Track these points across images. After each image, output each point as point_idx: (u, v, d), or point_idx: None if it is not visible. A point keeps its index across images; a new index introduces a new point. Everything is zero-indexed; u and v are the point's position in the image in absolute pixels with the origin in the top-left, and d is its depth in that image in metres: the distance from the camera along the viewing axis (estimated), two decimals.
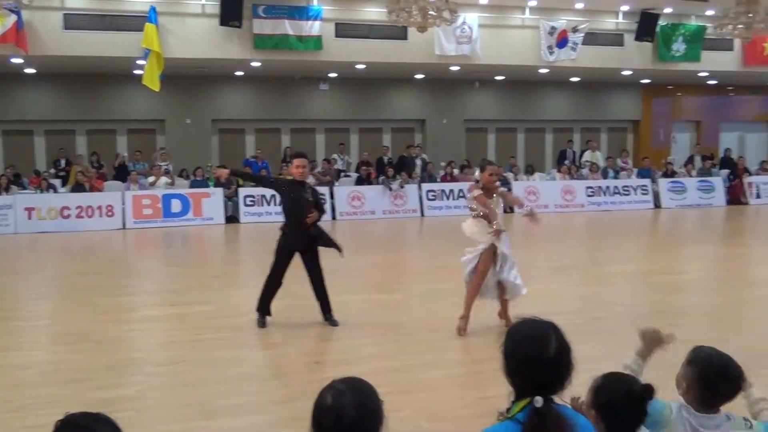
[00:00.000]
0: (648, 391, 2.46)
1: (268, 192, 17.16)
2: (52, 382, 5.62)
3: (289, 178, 7.30)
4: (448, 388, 5.45)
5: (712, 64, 20.38)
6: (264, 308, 7.14)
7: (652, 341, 2.79)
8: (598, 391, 2.49)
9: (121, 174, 18.03)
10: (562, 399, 2.23)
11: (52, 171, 18.40)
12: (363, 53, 17.59)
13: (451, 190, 18.50)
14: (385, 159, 19.95)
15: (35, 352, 6.62)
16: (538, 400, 2.10)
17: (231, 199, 17.20)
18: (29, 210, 15.68)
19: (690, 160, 21.64)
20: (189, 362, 6.06)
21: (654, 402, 2.59)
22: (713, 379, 2.64)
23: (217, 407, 5.03)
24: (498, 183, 7.32)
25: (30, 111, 19.08)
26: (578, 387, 2.25)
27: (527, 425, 2.11)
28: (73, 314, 7.98)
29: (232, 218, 17.06)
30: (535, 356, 2.15)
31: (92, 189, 16.81)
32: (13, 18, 14.72)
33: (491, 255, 6.70)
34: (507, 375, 2.24)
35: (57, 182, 17.61)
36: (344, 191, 17.91)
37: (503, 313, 6.91)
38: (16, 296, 9.41)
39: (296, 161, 7.14)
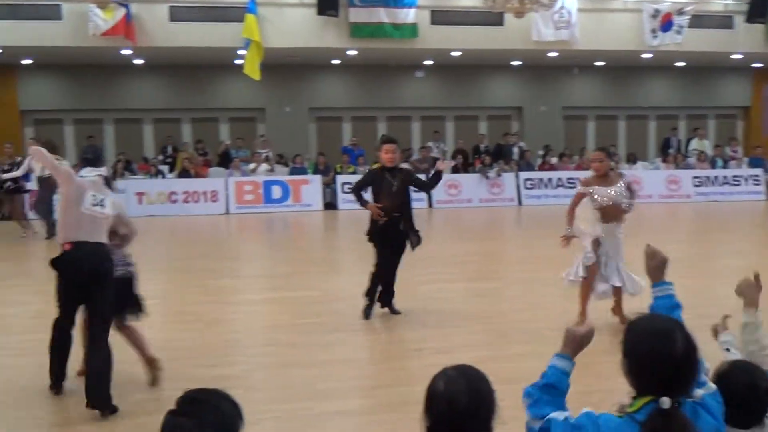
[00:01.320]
0: None
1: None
2: (162, 359, 5.86)
3: (377, 166, 7.14)
4: None
5: None
6: (371, 297, 7.06)
7: (749, 289, 2.87)
8: (721, 378, 2.40)
9: (224, 161, 18.61)
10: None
11: (160, 158, 19.17)
12: (459, 40, 17.45)
13: (550, 179, 18.16)
14: (482, 147, 19.78)
15: (145, 329, 6.92)
16: (665, 401, 2.01)
17: (329, 186, 17.46)
18: (140, 195, 16.49)
19: None
20: (292, 345, 6.19)
21: None
22: None
23: (320, 390, 5.13)
24: (615, 171, 6.76)
25: (139, 100, 19.92)
26: None
27: (648, 426, 2.03)
28: (181, 295, 8.33)
29: (330, 205, 17.33)
30: (661, 353, 2.06)
31: (197, 175, 17.48)
32: (123, 11, 15.39)
33: (596, 248, 6.42)
34: (627, 373, 2.15)
35: (164, 168, 18.36)
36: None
37: (617, 309, 6.61)
38: None
39: (385, 147, 6.99)
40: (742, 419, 2.35)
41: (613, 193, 6.30)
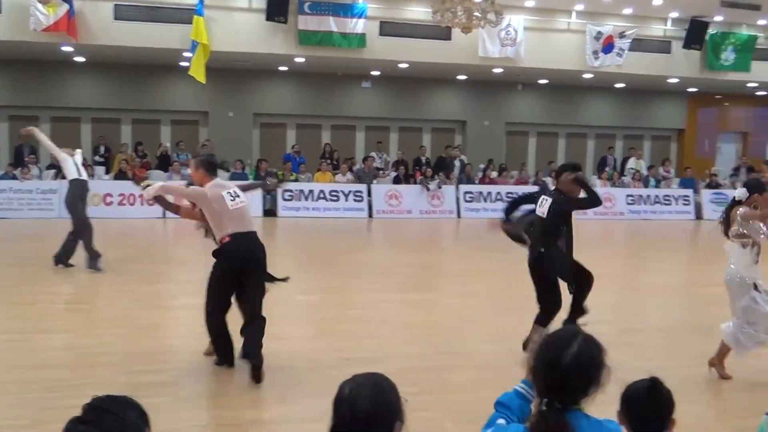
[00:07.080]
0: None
1: (306, 186, 17.41)
2: (88, 365, 5.76)
3: None
4: (476, 391, 5.45)
5: (762, 74, 19.96)
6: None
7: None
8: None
9: (164, 164, 18.31)
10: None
11: (95, 158, 18.76)
12: (406, 52, 17.61)
13: (489, 193, 18.43)
14: (423, 159, 19.96)
15: (73, 334, 6.79)
16: (543, 402, 2.14)
17: (269, 192, 17.35)
18: None
19: (736, 172, 21.23)
20: None
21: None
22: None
23: (248, 398, 5.11)
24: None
25: (77, 99, 19.46)
26: (608, 396, 2.24)
27: (530, 426, 2.15)
28: (112, 299, 8.17)
29: (269, 212, 17.23)
30: (548, 360, 2.17)
31: (135, 177, 17.12)
32: (65, 7, 15.02)
33: None
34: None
35: (101, 170, 17.96)
36: (382, 189, 17.96)
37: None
38: (57, 280, 9.64)
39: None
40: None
41: None
